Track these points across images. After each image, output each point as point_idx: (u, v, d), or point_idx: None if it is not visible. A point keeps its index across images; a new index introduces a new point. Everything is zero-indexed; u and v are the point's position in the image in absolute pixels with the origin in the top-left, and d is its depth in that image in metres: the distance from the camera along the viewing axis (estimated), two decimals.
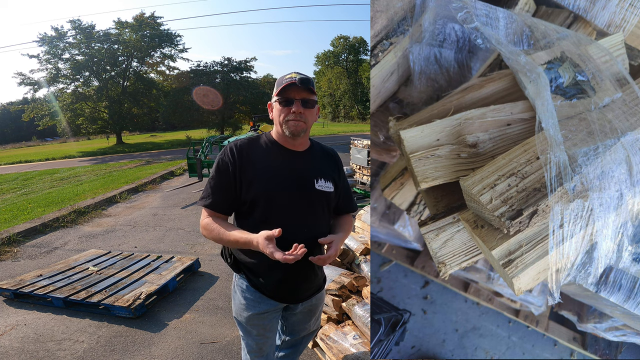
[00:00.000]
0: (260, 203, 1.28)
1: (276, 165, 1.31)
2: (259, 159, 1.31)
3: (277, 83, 1.31)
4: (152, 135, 35.93)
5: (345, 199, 1.50)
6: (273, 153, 1.34)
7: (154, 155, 17.33)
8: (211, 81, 25.38)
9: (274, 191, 1.28)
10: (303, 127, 1.29)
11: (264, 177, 1.29)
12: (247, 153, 1.31)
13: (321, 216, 1.37)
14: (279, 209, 1.29)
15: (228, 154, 1.31)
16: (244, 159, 1.30)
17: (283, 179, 1.30)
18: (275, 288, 1.36)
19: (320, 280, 1.50)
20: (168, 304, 3.06)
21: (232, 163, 1.29)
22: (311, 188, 1.33)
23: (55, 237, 4.97)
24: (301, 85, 1.24)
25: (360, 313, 2.10)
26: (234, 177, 1.29)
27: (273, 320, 1.44)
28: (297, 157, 1.35)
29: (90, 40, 22.57)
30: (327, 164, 1.43)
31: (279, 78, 1.33)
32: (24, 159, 18.31)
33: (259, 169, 1.29)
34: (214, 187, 1.32)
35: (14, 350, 2.45)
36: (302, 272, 1.36)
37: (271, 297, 1.37)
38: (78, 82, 23.43)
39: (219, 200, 1.31)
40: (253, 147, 1.34)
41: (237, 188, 1.30)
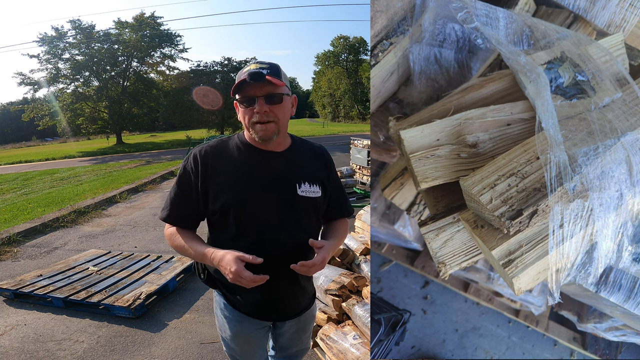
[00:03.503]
0: (231, 213, 1.12)
1: (248, 170, 1.15)
2: (227, 165, 1.15)
3: (237, 78, 1.12)
4: (152, 135, 35.95)
5: (337, 202, 1.33)
6: (244, 156, 1.16)
7: (154, 155, 17.34)
8: (211, 81, 25.40)
9: (246, 199, 1.12)
10: (273, 128, 1.11)
11: (234, 185, 1.12)
12: (213, 160, 1.14)
13: (307, 225, 1.20)
14: (254, 219, 1.12)
15: (190, 163, 1.15)
16: (209, 168, 1.13)
17: (256, 185, 1.13)
18: (255, 307, 1.21)
19: (309, 297, 1.34)
20: (168, 304, 3.06)
21: (193, 173, 1.14)
22: (292, 194, 1.16)
23: (55, 237, 4.97)
24: (252, 81, 1.04)
25: (360, 313, 2.10)
26: (196, 188, 1.14)
27: (259, 337, 1.29)
28: (274, 159, 1.18)
29: (90, 40, 22.60)
30: (313, 164, 1.26)
31: (239, 72, 1.13)
32: (24, 159, 18.33)
33: (228, 176, 1.13)
34: (174, 200, 1.17)
35: (14, 350, 2.45)
36: (286, 290, 1.21)
37: (252, 316, 1.22)
38: (78, 82, 23.49)
39: (177, 214, 1.17)
40: (221, 152, 1.17)
41: (200, 200, 1.14)
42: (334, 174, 1.33)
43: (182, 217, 1.18)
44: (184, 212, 1.17)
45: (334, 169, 1.34)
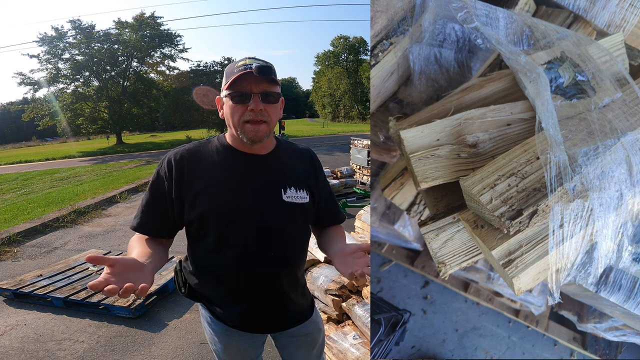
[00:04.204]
0: (210, 222, 1.03)
1: (229, 175, 1.06)
2: (205, 170, 1.05)
3: (227, 73, 1.03)
4: (152, 135, 35.96)
5: (327, 209, 1.25)
6: (225, 160, 1.07)
7: (154, 155, 17.33)
8: (211, 81, 25.40)
9: (226, 206, 1.03)
10: (265, 130, 1.03)
11: (213, 191, 1.03)
12: (189, 165, 1.05)
13: (294, 232, 1.12)
14: (235, 228, 1.04)
15: (164, 168, 1.05)
16: (184, 173, 1.04)
17: (237, 190, 1.05)
18: (241, 320, 1.13)
19: (303, 307, 1.24)
20: (168, 304, 3.06)
21: (167, 179, 1.04)
22: (277, 199, 1.07)
23: (55, 237, 4.97)
24: (260, 75, 0.96)
25: (360, 313, 2.10)
26: (170, 195, 1.04)
27: (252, 348, 1.22)
28: (257, 163, 1.09)
29: (90, 40, 22.61)
30: (299, 168, 1.17)
31: (229, 66, 1.04)
32: (24, 159, 18.32)
33: (206, 182, 1.04)
34: (145, 207, 1.07)
35: (14, 350, 2.45)
36: (272, 302, 1.13)
37: (240, 329, 1.14)
38: (78, 82, 23.50)
39: (149, 223, 1.06)
40: (198, 156, 1.07)
41: (174, 209, 1.05)
42: (322, 177, 1.24)
43: (153, 226, 1.07)
44: (157, 221, 1.07)
45: (322, 172, 1.25)
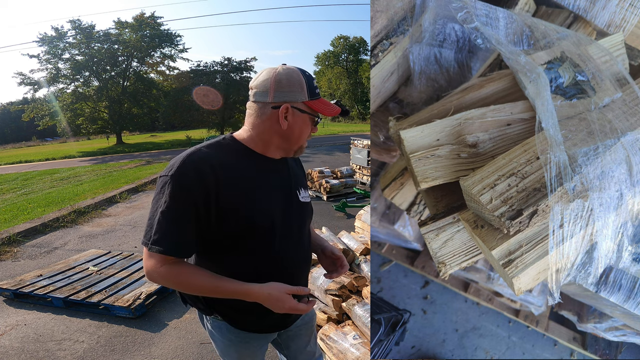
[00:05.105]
0: (256, 232, 0.98)
1: (263, 181, 1.02)
2: (240, 177, 0.98)
3: (307, 86, 0.99)
4: (152, 135, 35.94)
5: None
6: (251, 164, 1.02)
7: (154, 155, 17.33)
8: (211, 81, 25.36)
9: (269, 213, 1.00)
10: None
11: (254, 198, 0.98)
12: (222, 171, 0.94)
13: (308, 233, 1.19)
14: (276, 235, 1.02)
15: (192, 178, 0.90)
16: (220, 180, 0.93)
17: (276, 198, 1.04)
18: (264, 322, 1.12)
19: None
20: (168, 304, 3.06)
21: (198, 187, 0.90)
22: (297, 201, 1.11)
23: (55, 237, 4.97)
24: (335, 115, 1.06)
25: (360, 313, 2.10)
26: (205, 206, 0.92)
27: (264, 349, 1.25)
28: (276, 167, 1.09)
29: (90, 40, 22.59)
30: (298, 170, 1.24)
31: (298, 76, 0.98)
32: (24, 159, 18.32)
33: (244, 188, 0.97)
34: (171, 224, 0.90)
35: (14, 350, 2.45)
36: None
37: (260, 332, 1.15)
38: (78, 82, 23.47)
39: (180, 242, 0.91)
40: (225, 160, 0.98)
41: (212, 222, 0.94)
42: None
43: (185, 245, 0.93)
44: (187, 239, 0.93)
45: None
